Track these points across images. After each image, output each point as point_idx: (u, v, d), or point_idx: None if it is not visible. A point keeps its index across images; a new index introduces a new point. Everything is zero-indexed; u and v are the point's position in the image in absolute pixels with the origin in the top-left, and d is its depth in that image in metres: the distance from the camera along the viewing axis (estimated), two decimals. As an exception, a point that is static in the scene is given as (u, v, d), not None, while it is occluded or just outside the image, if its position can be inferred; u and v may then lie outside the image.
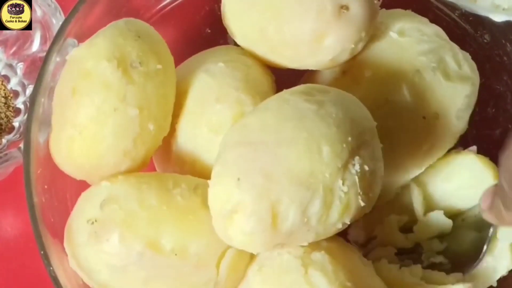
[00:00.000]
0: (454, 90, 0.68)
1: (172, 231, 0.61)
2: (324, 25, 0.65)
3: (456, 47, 0.70)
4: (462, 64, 0.69)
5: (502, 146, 0.72)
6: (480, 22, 0.75)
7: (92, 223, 0.61)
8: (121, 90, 0.62)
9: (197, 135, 0.68)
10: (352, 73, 0.70)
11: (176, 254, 0.61)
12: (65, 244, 0.64)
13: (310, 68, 0.71)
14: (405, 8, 0.75)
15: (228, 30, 0.73)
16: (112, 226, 0.61)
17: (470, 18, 0.75)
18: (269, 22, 0.68)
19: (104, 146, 0.63)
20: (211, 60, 0.71)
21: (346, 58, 0.69)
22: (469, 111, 0.70)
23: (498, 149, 0.70)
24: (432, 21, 0.73)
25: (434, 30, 0.71)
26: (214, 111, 0.67)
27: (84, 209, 0.63)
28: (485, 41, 0.75)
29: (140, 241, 0.60)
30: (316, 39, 0.66)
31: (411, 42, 0.69)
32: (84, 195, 0.65)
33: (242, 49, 0.73)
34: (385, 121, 0.65)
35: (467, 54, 0.71)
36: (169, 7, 0.81)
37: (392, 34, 0.69)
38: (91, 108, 0.62)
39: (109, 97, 0.62)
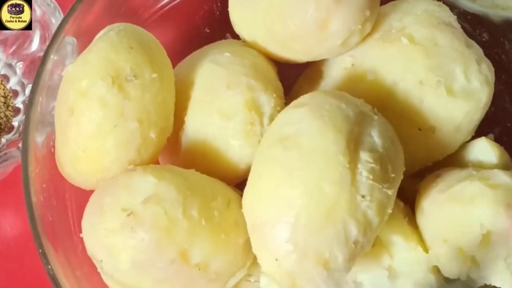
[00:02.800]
0: (454, 106, 0.66)
1: (204, 247, 0.61)
2: (325, 12, 0.65)
3: (472, 58, 0.67)
4: (472, 78, 0.66)
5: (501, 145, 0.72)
6: (479, 21, 0.75)
7: (128, 215, 0.59)
8: (119, 107, 0.62)
9: (208, 123, 0.68)
10: (359, 69, 0.69)
11: (199, 269, 0.61)
12: (84, 221, 0.62)
13: (325, 57, 0.71)
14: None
15: (241, 38, 0.74)
16: (152, 228, 0.59)
17: (469, 17, 0.75)
18: (274, 21, 0.68)
19: (108, 160, 0.63)
20: (216, 51, 0.71)
21: (357, 40, 0.68)
22: (473, 124, 0.68)
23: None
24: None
25: (449, 41, 0.67)
26: (225, 97, 0.67)
27: (120, 195, 0.60)
28: (484, 40, 0.75)
29: (174, 250, 0.60)
30: (321, 28, 0.66)
31: (420, 52, 0.66)
32: (122, 179, 0.62)
33: (244, 42, 0.74)
34: None
35: (486, 64, 0.68)
36: (168, 7, 0.80)
37: (404, 40, 0.67)
38: (91, 127, 0.62)
39: (108, 115, 0.62)
